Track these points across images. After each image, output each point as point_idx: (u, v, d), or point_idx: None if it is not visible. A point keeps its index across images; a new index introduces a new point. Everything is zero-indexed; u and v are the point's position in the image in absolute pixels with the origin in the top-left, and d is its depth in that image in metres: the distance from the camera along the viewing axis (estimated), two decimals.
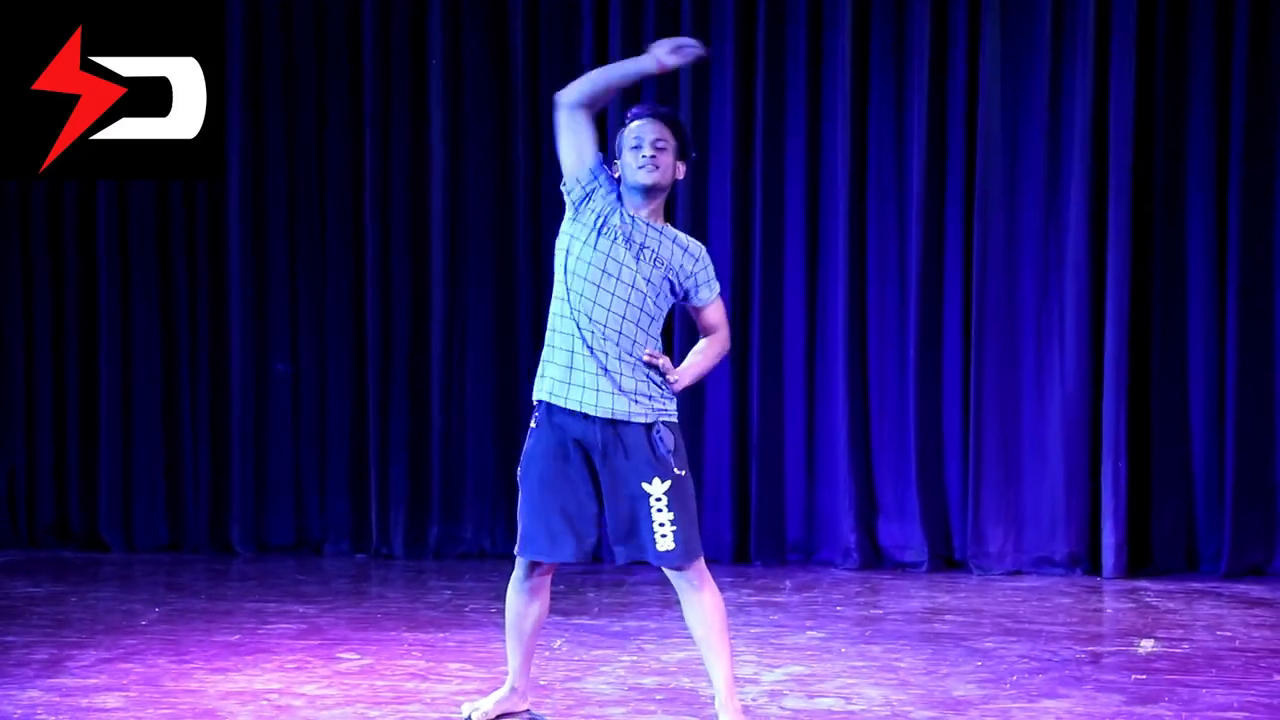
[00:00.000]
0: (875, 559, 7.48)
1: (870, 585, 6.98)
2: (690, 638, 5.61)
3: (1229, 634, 5.76)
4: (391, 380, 7.99)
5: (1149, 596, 6.61)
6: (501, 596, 6.66)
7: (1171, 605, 6.41)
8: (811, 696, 4.75)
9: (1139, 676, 5.01)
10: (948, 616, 6.18)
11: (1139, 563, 7.21)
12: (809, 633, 5.82)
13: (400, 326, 8.00)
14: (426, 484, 7.94)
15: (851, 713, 4.54)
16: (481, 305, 7.97)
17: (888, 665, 5.22)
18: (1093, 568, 7.21)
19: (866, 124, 7.52)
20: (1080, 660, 5.30)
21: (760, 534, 7.62)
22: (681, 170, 4.39)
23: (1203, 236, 7.25)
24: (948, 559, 7.46)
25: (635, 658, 5.34)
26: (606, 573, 7.43)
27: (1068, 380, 7.27)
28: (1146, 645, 5.56)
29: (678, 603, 4.39)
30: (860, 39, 7.47)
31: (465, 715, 4.47)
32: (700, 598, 4.33)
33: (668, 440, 4.28)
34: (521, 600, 4.48)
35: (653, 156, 4.28)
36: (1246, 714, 4.49)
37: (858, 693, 4.80)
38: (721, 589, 6.79)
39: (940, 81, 7.41)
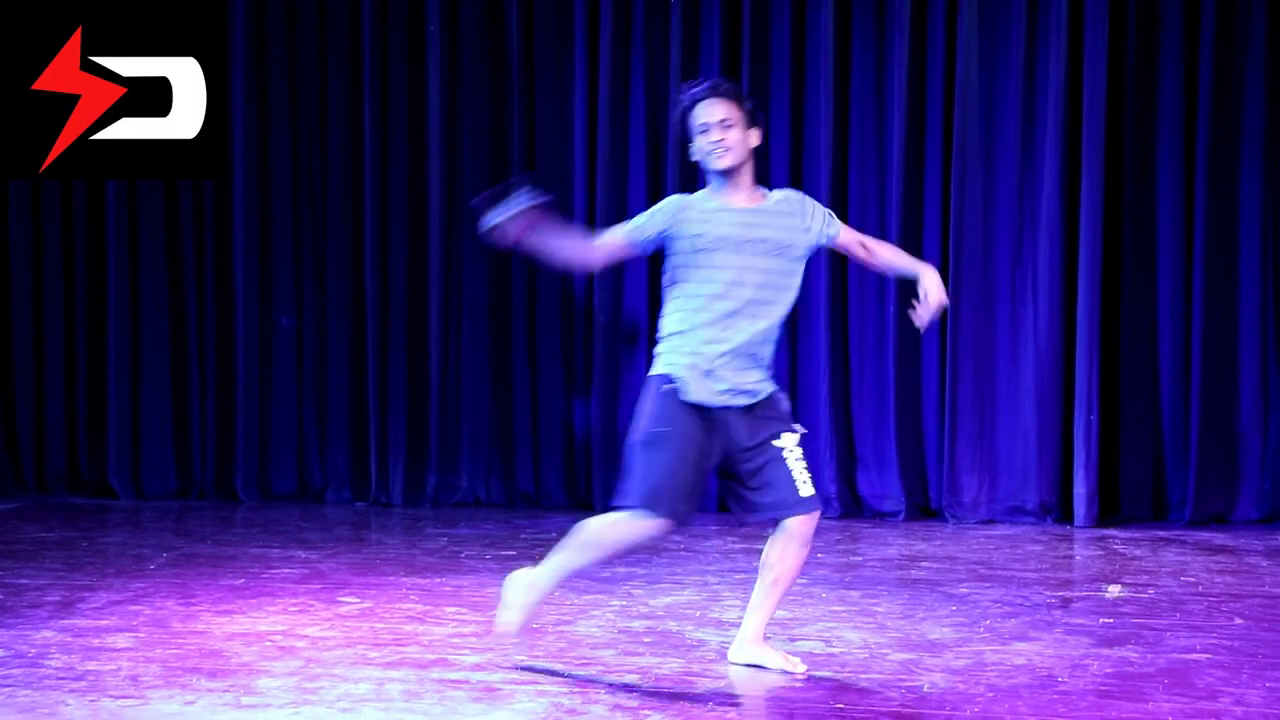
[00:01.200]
0: (855, 508, 7.63)
1: (850, 533, 7.11)
2: (680, 583, 5.80)
3: (1193, 579, 5.87)
4: (390, 335, 8.12)
5: (1116, 544, 6.73)
6: (495, 543, 6.88)
7: (1138, 552, 6.53)
8: (794, 640, 4.83)
9: (1106, 620, 5.11)
10: (924, 563, 6.30)
11: (1108, 511, 7.36)
12: None
13: (398, 284, 8.11)
14: (424, 435, 8.08)
15: (832, 655, 4.63)
16: (477, 265, 8.08)
17: (866, 610, 5.31)
18: (1063, 516, 7.35)
19: (849, 90, 7.62)
20: (1050, 605, 5.40)
21: None
22: (755, 137, 4.42)
23: (1171, 196, 7.36)
24: (924, 508, 7.61)
25: (624, 602, 5.45)
26: None
27: (1040, 335, 7.40)
28: (1114, 590, 5.67)
29: (678, 550, 4.49)
30: (842, 6, 7.57)
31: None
32: (801, 550, 4.44)
33: (784, 401, 4.54)
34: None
35: (721, 140, 4.35)
36: (1209, 655, 4.59)
37: (838, 636, 4.89)
38: (707, 538, 7.04)
39: (920, 46, 7.51)
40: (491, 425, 8.08)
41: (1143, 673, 4.41)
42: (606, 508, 7.75)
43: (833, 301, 7.63)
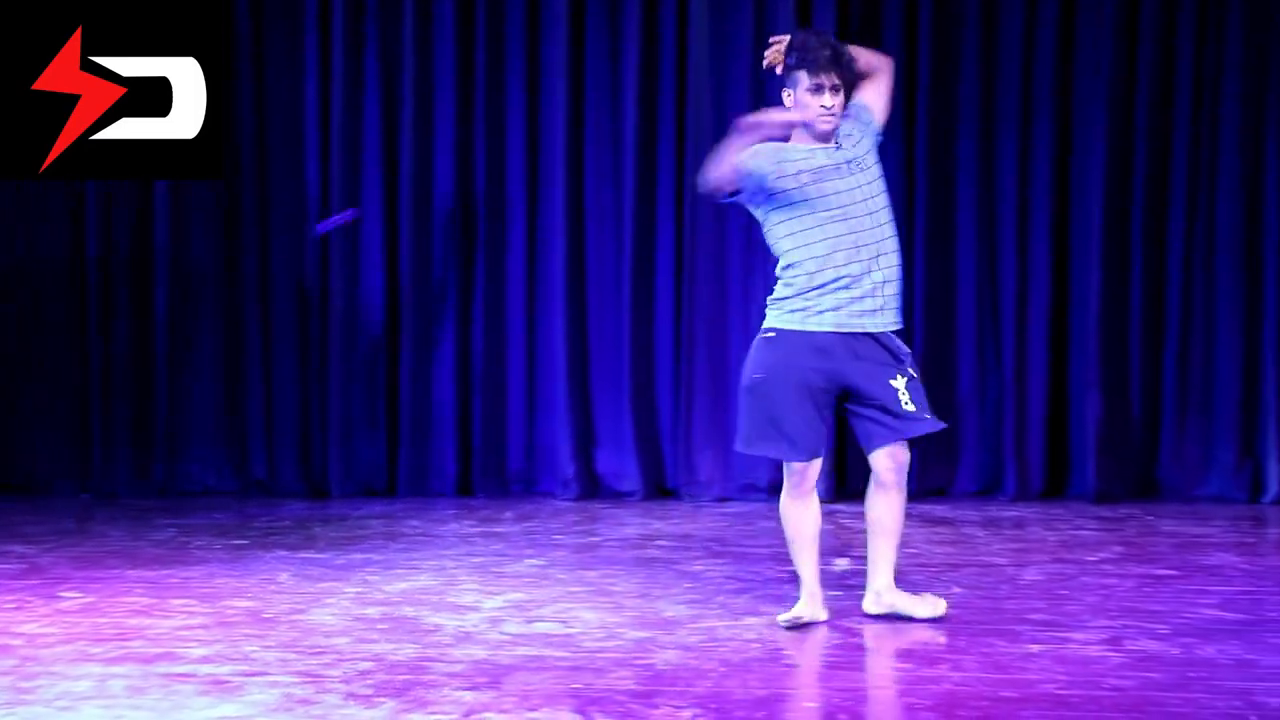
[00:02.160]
0: (593, 489, 7.69)
1: (588, 514, 7.16)
2: (417, 569, 5.79)
3: (915, 550, 6.06)
4: (113, 315, 7.87)
5: (844, 518, 6.89)
6: (226, 533, 6.73)
7: (864, 526, 6.75)
8: (530, 621, 4.86)
9: (834, 593, 5.19)
10: (660, 542, 6.38)
11: (838, 487, 7.53)
12: (528, 561, 5.94)
13: (120, 262, 7.87)
14: (151, 422, 7.86)
15: (569, 635, 4.66)
16: (207, 238, 7.89)
17: (603, 589, 5.36)
18: None
19: (583, 69, 7.67)
20: (781, 579, 5.50)
21: (483, 466, 7.77)
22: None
23: (894, 175, 7.52)
24: (660, 487, 7.71)
25: (360, 589, 5.40)
26: (333, 507, 7.51)
27: None
28: (841, 564, 5.82)
29: (415, 535, 4.46)
30: None
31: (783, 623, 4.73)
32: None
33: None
34: (800, 509, 4.84)
35: (830, 107, 4.60)
36: (929, 623, 4.73)
37: (575, 616, 4.93)
38: (444, 521, 7.02)
39: (652, 27, 7.59)
40: (223, 410, 7.90)
41: (867, 643, 4.55)
42: (344, 493, 7.76)
43: (570, 280, 7.67)
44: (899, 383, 4.70)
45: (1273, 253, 7.41)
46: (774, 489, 7.52)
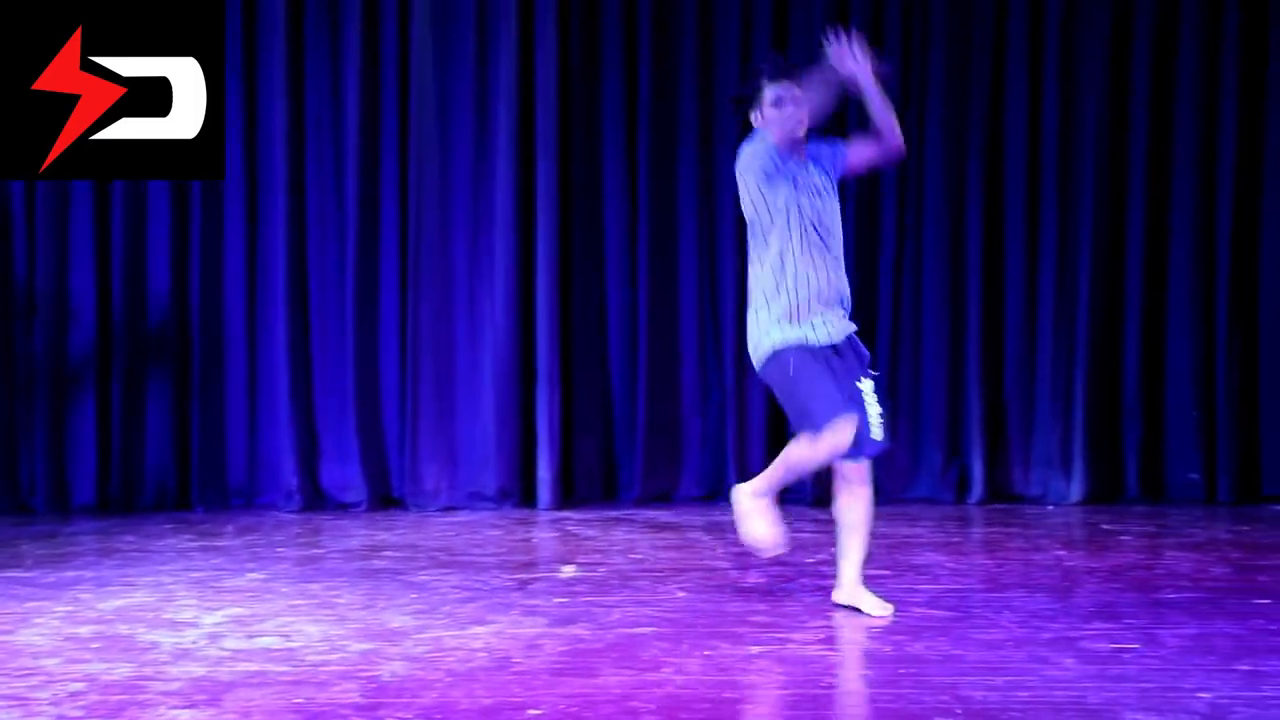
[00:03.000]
0: (317, 500, 7.60)
1: (312, 526, 7.08)
2: (132, 585, 5.62)
3: (640, 556, 6.17)
4: None
5: (571, 525, 6.99)
6: None
7: (591, 533, 6.82)
8: (251, 636, 4.77)
9: (560, 600, 5.29)
10: (386, 553, 6.34)
11: (565, 494, 7.62)
12: (249, 575, 5.84)
13: None
14: None
15: (291, 650, 4.59)
16: None
17: (327, 602, 5.30)
18: (523, 500, 7.59)
19: (303, 80, 7.59)
20: (508, 588, 5.54)
21: (202, 479, 7.59)
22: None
23: (617, 189, 7.72)
24: (386, 498, 7.67)
25: (71, 608, 5.22)
26: (40, 524, 7.22)
27: (498, 324, 7.59)
28: (567, 570, 5.88)
29: (130, 550, 4.32)
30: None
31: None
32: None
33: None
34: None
35: (794, 112, 4.90)
36: (654, 628, 4.85)
37: (297, 630, 4.85)
38: (161, 536, 6.85)
39: (374, 38, 7.57)
40: None
41: (593, 649, 4.60)
42: (52, 509, 7.46)
43: (292, 291, 7.56)
44: (865, 385, 5.00)
45: (976, 265, 7.76)
46: (503, 497, 7.57)
